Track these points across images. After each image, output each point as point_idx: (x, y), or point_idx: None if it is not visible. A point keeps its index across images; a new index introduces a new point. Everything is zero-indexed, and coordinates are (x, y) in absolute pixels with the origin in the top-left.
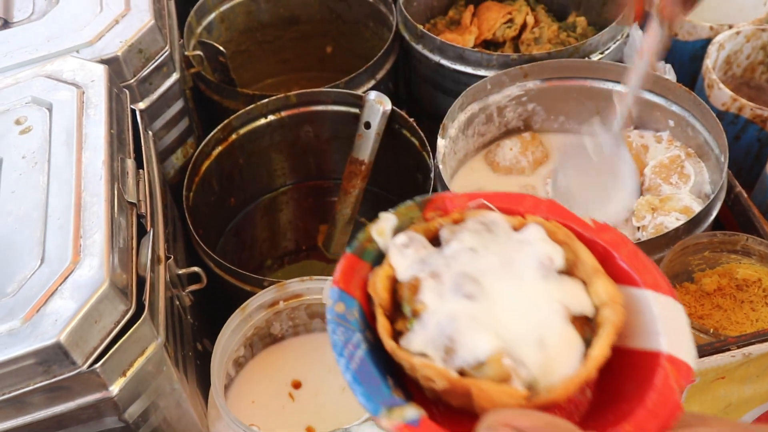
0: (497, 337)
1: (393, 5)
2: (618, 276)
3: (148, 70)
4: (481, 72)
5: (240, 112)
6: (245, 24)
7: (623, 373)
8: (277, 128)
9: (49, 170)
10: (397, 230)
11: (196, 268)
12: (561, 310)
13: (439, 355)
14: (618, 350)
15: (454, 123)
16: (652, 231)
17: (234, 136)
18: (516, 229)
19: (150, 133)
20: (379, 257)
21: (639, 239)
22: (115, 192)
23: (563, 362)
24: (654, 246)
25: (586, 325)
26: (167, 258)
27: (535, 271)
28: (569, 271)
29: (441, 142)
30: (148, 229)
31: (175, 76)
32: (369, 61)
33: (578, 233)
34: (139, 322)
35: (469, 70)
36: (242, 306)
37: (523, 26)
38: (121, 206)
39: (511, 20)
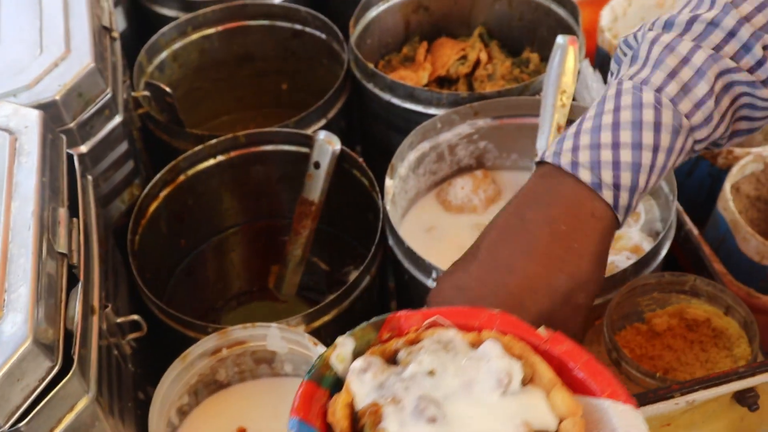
0: None
1: (345, 43)
2: (575, 386)
3: (89, 114)
4: (431, 110)
5: (188, 153)
6: (199, 62)
7: None
8: (226, 168)
9: None
10: (355, 354)
11: (135, 316)
12: (522, 428)
13: None
14: None
15: (404, 162)
16: None
17: (182, 177)
18: (473, 345)
19: (89, 177)
20: (338, 382)
21: None
22: (44, 243)
23: None
24: (603, 287)
25: None
26: (105, 307)
27: (494, 389)
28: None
29: (389, 183)
30: (80, 280)
31: (117, 119)
32: (322, 97)
33: (533, 345)
34: (66, 379)
35: (419, 108)
36: (183, 354)
37: (477, 63)
38: (51, 258)
39: (464, 56)
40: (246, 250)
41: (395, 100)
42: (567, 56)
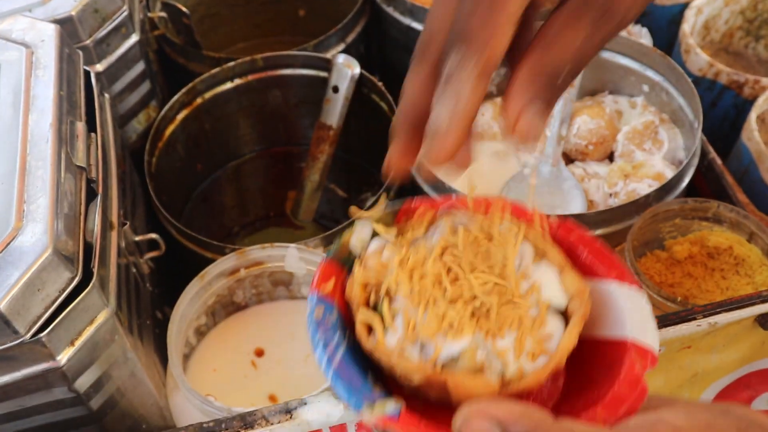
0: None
1: None
2: (583, 270)
3: (105, 31)
4: None
5: (205, 75)
6: None
7: (592, 362)
8: (244, 92)
9: None
10: (373, 236)
11: (153, 235)
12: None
13: (416, 351)
14: (587, 340)
15: None
16: (624, 197)
17: (199, 100)
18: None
19: (106, 95)
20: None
21: (610, 206)
22: (63, 156)
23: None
24: (624, 212)
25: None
26: (123, 224)
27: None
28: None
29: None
30: (99, 194)
31: (134, 38)
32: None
33: (544, 231)
34: (86, 291)
35: None
36: (201, 273)
37: None
38: (69, 170)
39: None
40: (263, 176)
41: (416, 24)
42: None
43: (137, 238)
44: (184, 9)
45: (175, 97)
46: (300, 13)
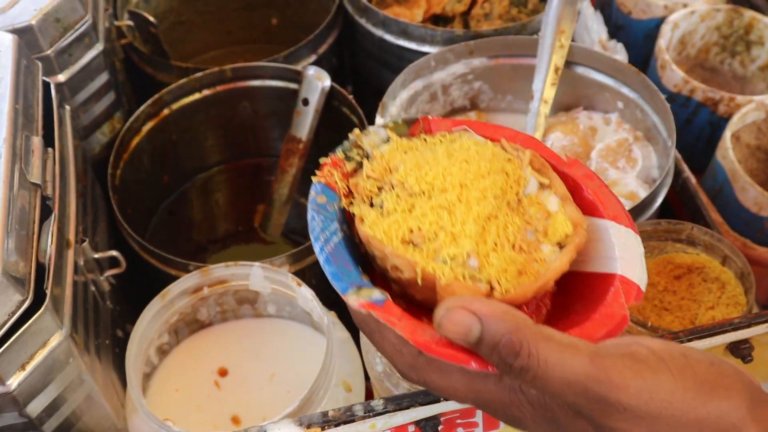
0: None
1: None
2: (584, 206)
3: (67, 41)
4: (425, 48)
5: (172, 86)
6: None
7: (581, 294)
8: (212, 103)
9: None
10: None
11: (113, 252)
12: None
13: (411, 247)
14: (578, 274)
15: (396, 101)
16: None
17: (166, 111)
18: None
19: (67, 108)
20: (361, 164)
21: None
22: (16, 172)
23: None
24: None
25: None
26: (81, 241)
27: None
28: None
29: (379, 121)
30: (54, 212)
31: (98, 48)
32: (311, 33)
33: (552, 165)
34: (38, 314)
35: (413, 46)
36: (163, 292)
37: (473, 1)
38: (23, 187)
39: None
40: (232, 189)
41: (388, 37)
42: None
43: (96, 256)
44: (151, 18)
45: (141, 108)
46: (273, 22)
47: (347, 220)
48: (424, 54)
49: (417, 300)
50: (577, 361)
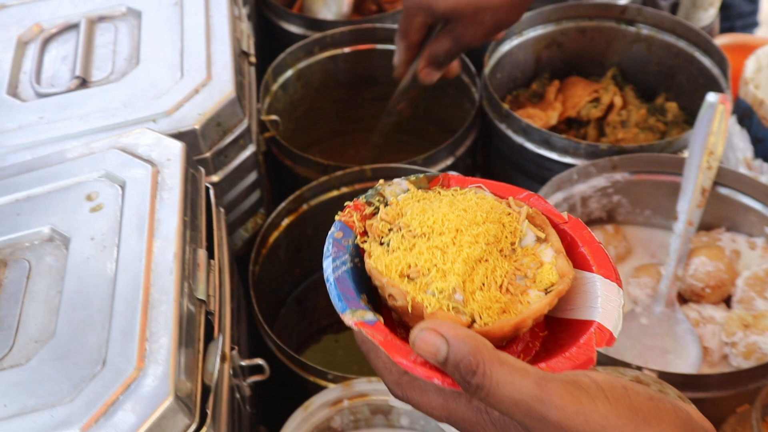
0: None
1: (477, 77)
2: (577, 262)
3: (225, 143)
4: (567, 159)
5: (313, 183)
6: (321, 82)
7: (563, 338)
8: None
9: (118, 257)
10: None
11: (260, 361)
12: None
13: (407, 280)
14: (566, 321)
15: None
16: (743, 350)
17: (305, 207)
18: None
19: (222, 210)
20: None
21: (726, 355)
22: (186, 289)
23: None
24: (751, 376)
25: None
26: (232, 349)
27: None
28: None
29: None
30: (216, 335)
31: (251, 149)
32: (445, 128)
33: (554, 223)
34: None
35: (554, 156)
36: (305, 404)
37: (610, 107)
38: (191, 305)
39: (597, 99)
40: None
41: (529, 145)
42: (716, 115)
43: (243, 363)
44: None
45: (282, 205)
46: (403, 113)
47: (360, 254)
48: (564, 164)
49: (412, 327)
50: (524, 383)
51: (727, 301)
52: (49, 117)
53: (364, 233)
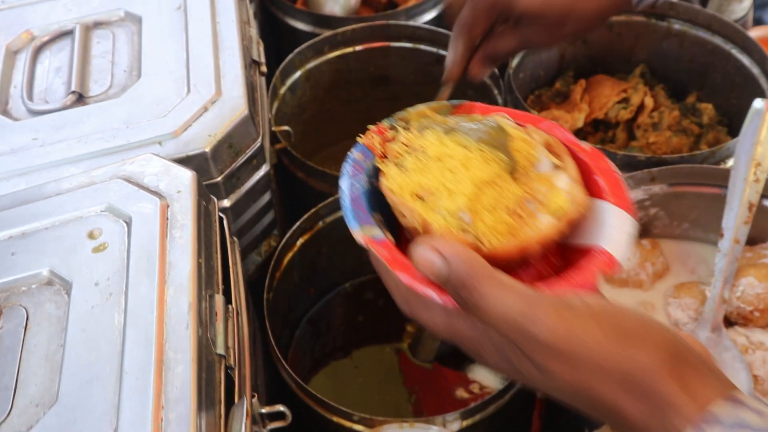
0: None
1: (500, 78)
2: (593, 191)
3: (237, 165)
4: None
5: (329, 200)
6: (331, 82)
7: (569, 262)
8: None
9: (126, 307)
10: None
11: (281, 407)
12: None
13: (418, 200)
14: (571, 247)
15: None
16: None
17: (320, 224)
18: None
19: (236, 240)
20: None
21: None
22: (203, 344)
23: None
24: None
25: None
26: (252, 396)
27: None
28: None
29: None
30: (238, 396)
31: (264, 169)
32: None
33: (574, 152)
34: None
35: None
36: None
37: (640, 107)
38: (209, 361)
39: (626, 99)
40: (381, 298)
41: None
42: (764, 123)
43: (264, 410)
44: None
45: (297, 224)
46: None
47: (378, 176)
48: None
49: None
50: (514, 299)
51: None
52: (43, 138)
53: (384, 156)
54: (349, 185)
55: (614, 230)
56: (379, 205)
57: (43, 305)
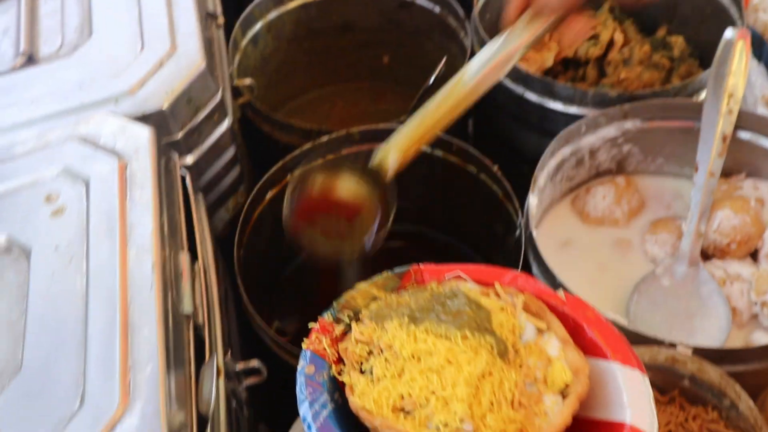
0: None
1: (465, 20)
2: (588, 348)
3: (198, 121)
4: (572, 109)
5: (296, 152)
6: (294, 33)
7: None
8: (336, 165)
9: (88, 270)
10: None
11: (255, 363)
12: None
13: (402, 415)
14: (586, 421)
15: (544, 171)
16: None
17: (288, 177)
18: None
19: (201, 197)
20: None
21: (755, 314)
22: (169, 306)
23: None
24: None
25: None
26: (224, 354)
27: None
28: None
29: (533, 201)
30: (208, 354)
31: (226, 123)
32: (430, 74)
33: (552, 306)
34: None
35: (558, 106)
36: None
37: (610, 44)
38: (176, 322)
39: (595, 36)
40: None
41: (530, 95)
42: (735, 54)
43: (238, 368)
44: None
45: (264, 178)
46: (384, 60)
47: (339, 387)
48: (569, 115)
49: None
50: None
51: (754, 256)
52: None
53: (339, 360)
54: (311, 413)
55: (633, 397)
56: (349, 423)
57: (2, 273)
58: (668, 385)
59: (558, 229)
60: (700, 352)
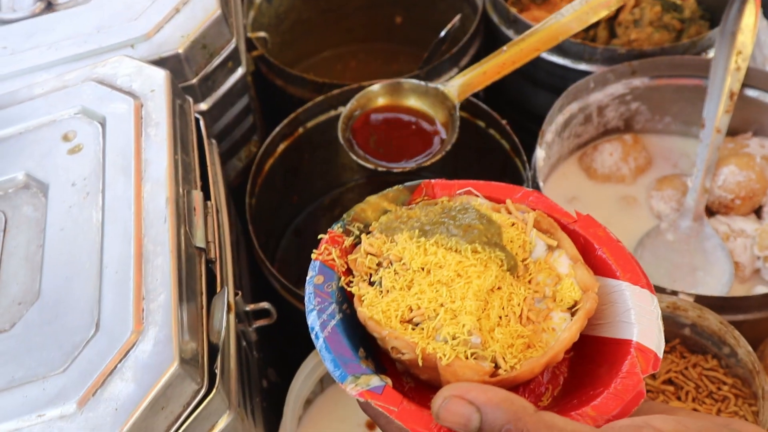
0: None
1: None
2: (597, 266)
3: (212, 67)
4: (581, 66)
5: (308, 104)
6: None
7: (596, 360)
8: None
9: (104, 205)
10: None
11: (266, 305)
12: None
13: (410, 326)
14: (593, 339)
15: (552, 126)
16: None
17: (300, 130)
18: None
19: (214, 143)
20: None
21: (758, 269)
22: (182, 237)
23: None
24: None
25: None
26: (236, 294)
27: None
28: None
29: (540, 154)
30: (220, 286)
31: (240, 71)
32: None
33: (562, 224)
34: (209, 398)
35: (567, 63)
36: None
37: (621, 6)
38: (190, 256)
39: None
40: None
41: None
42: (745, 10)
43: (248, 308)
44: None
45: (277, 129)
46: (396, 20)
47: (348, 298)
48: (578, 71)
49: (421, 378)
50: None
51: (758, 212)
52: (13, 47)
53: (348, 271)
54: (319, 322)
55: (641, 316)
56: (356, 332)
57: (21, 208)
58: (669, 334)
59: (565, 185)
60: (702, 300)
